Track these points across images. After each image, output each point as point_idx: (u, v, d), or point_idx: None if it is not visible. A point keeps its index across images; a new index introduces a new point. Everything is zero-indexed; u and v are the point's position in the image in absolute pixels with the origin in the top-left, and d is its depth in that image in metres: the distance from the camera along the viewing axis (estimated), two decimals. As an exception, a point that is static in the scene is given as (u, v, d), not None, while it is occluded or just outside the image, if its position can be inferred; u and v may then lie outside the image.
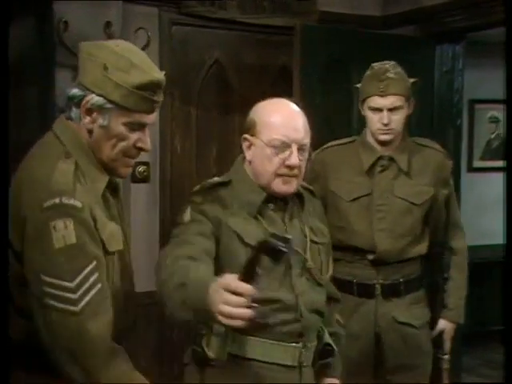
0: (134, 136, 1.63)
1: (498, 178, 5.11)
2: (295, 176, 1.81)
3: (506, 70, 1.88)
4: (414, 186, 2.53)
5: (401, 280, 2.51)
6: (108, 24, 3.22)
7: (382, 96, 2.45)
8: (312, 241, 1.87)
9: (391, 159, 2.54)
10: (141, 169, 3.49)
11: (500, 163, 5.27)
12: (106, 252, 1.55)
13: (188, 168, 3.67)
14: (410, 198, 2.51)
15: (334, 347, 1.90)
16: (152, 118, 1.66)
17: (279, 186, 1.82)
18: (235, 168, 1.91)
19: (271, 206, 1.84)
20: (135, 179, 3.50)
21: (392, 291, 2.51)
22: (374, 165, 2.54)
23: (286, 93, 3.53)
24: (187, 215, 1.78)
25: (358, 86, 2.57)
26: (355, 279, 2.52)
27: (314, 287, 1.84)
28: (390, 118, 2.47)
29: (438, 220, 2.59)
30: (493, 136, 5.37)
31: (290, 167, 1.79)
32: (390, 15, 3.87)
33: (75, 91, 1.59)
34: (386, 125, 2.48)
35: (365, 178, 2.53)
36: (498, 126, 5.34)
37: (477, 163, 5.37)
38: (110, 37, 3.16)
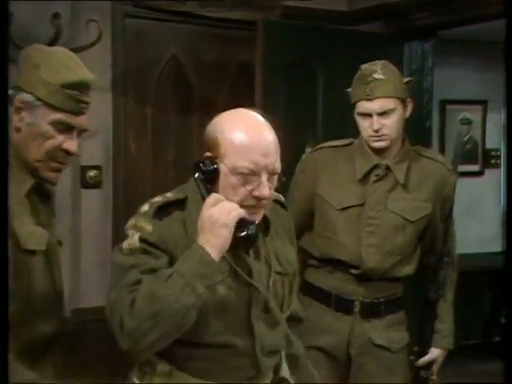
0: (61, 137, 1.73)
1: (471, 184, 5.23)
2: (263, 207, 1.71)
3: (506, 71, 1.94)
4: (410, 201, 2.46)
5: (382, 299, 2.48)
6: (56, 15, 3.19)
7: (369, 100, 2.39)
8: (277, 272, 1.80)
9: (388, 168, 2.46)
10: (92, 173, 3.47)
11: (473, 167, 5.37)
12: (23, 250, 1.63)
13: (143, 172, 3.67)
14: (404, 213, 2.45)
15: (290, 382, 1.87)
16: (81, 121, 1.75)
17: None
18: (193, 183, 1.73)
19: None
20: (86, 184, 3.48)
21: (371, 310, 2.47)
22: (368, 173, 2.46)
23: (248, 91, 3.60)
24: (135, 242, 1.65)
25: (349, 90, 2.50)
26: (334, 291, 2.48)
27: (274, 328, 1.77)
28: (380, 123, 2.39)
29: (435, 238, 2.52)
30: (465, 139, 5.42)
31: (260, 199, 1.68)
32: (357, 10, 3.91)
33: (10, 92, 1.67)
34: (376, 131, 2.40)
35: (358, 186, 2.47)
36: (471, 128, 5.41)
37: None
38: (57, 29, 3.16)
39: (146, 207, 1.70)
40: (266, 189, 1.66)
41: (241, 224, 1.63)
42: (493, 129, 5.24)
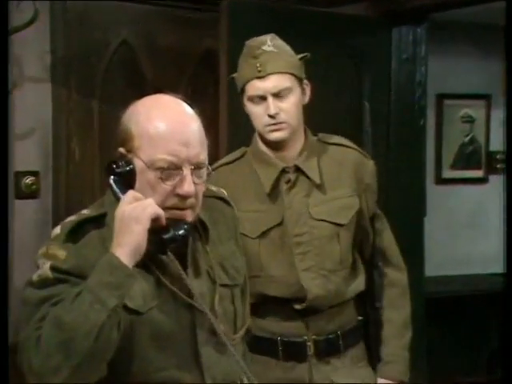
0: None
1: (473, 193, 5.33)
2: (191, 207, 1.71)
3: (506, 67, 2.01)
4: (334, 201, 2.42)
5: (338, 332, 2.42)
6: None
7: (261, 78, 2.32)
8: (223, 285, 1.81)
9: (298, 170, 2.40)
10: (28, 180, 3.47)
11: (476, 173, 5.42)
12: None
13: (89, 179, 3.66)
14: (333, 217, 2.40)
15: None
16: None
17: None
18: (111, 195, 1.73)
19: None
20: (20, 194, 3.48)
21: (328, 349, 2.40)
22: (277, 182, 2.39)
23: (211, 82, 3.64)
24: (45, 273, 1.65)
25: (235, 75, 2.46)
26: (279, 337, 2.39)
27: (225, 353, 1.74)
28: (276, 106, 2.32)
29: (366, 239, 2.53)
30: (466, 139, 5.45)
31: (183, 197, 1.68)
32: (337, -11, 3.94)
33: None
34: (272, 116, 2.32)
35: (269, 202, 2.39)
36: (473, 126, 5.43)
37: (447, 173, 5.40)
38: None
39: (57, 230, 1.71)
40: (189, 185, 1.67)
41: (168, 226, 1.64)
42: (498, 128, 5.26)
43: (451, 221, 5.32)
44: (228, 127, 3.38)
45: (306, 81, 2.43)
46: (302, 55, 2.42)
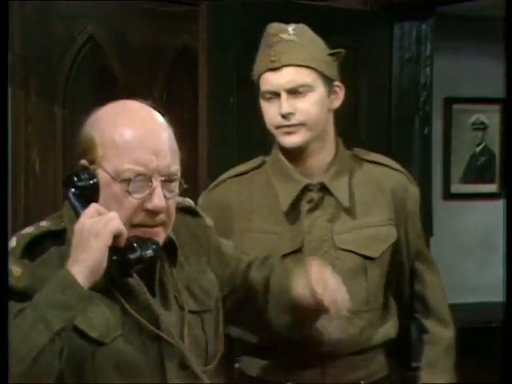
0: None
1: (487, 208, 5.29)
2: (162, 224, 1.72)
3: (505, 68, 2.05)
4: (364, 229, 2.33)
5: (362, 383, 2.34)
6: None
7: (274, 70, 2.25)
8: (192, 312, 1.81)
9: (324, 188, 2.31)
10: (-19, 196, 3.50)
11: (489, 187, 5.42)
12: None
13: (52, 195, 3.66)
14: (361, 248, 2.31)
15: None
16: None
17: None
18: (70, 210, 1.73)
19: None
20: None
21: None
22: (297, 200, 2.31)
23: (189, 83, 3.65)
24: None
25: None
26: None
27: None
28: (291, 105, 2.24)
29: (402, 281, 2.45)
30: (478, 149, 5.44)
31: (153, 212, 1.69)
32: (331, -20, 3.93)
33: None
34: (285, 116, 2.24)
35: (286, 223, 2.30)
36: (485, 134, 5.43)
37: (456, 187, 5.39)
38: None
39: (12, 243, 1.71)
40: (159, 198, 1.68)
41: (135, 245, 1.66)
42: (513, 136, 5.31)
43: (461, 241, 5.31)
44: (209, 136, 3.37)
45: (338, 82, 2.34)
46: (333, 51, 2.33)
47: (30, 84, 3.65)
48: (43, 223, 1.77)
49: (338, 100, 2.35)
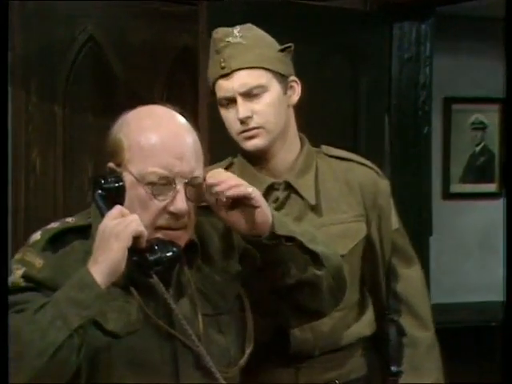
0: None
1: (486, 208, 5.34)
2: (184, 228, 1.76)
3: (506, 68, 2.06)
4: (331, 226, 2.29)
5: (336, 382, 2.30)
6: None
7: (226, 76, 2.22)
8: (205, 315, 1.82)
9: (289, 187, 2.29)
10: (-19, 196, 3.49)
11: (488, 187, 5.46)
12: None
13: (52, 194, 3.67)
14: (329, 245, 2.16)
15: None
16: None
17: None
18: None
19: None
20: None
21: None
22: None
23: (189, 83, 3.65)
24: (16, 281, 1.70)
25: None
26: None
27: None
28: (248, 108, 2.21)
29: (377, 278, 2.41)
30: (478, 149, 5.48)
31: (175, 215, 1.73)
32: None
33: None
34: (243, 121, 2.21)
35: None
36: (485, 134, 5.47)
37: (456, 187, 5.43)
38: None
39: (37, 236, 1.77)
40: (182, 201, 1.72)
41: (156, 246, 1.70)
42: (513, 136, 5.32)
43: (461, 241, 5.33)
44: (209, 135, 3.38)
45: (293, 77, 2.31)
46: (283, 46, 2.29)
47: (31, 84, 3.64)
48: (69, 219, 1.82)
49: (295, 95, 2.31)
